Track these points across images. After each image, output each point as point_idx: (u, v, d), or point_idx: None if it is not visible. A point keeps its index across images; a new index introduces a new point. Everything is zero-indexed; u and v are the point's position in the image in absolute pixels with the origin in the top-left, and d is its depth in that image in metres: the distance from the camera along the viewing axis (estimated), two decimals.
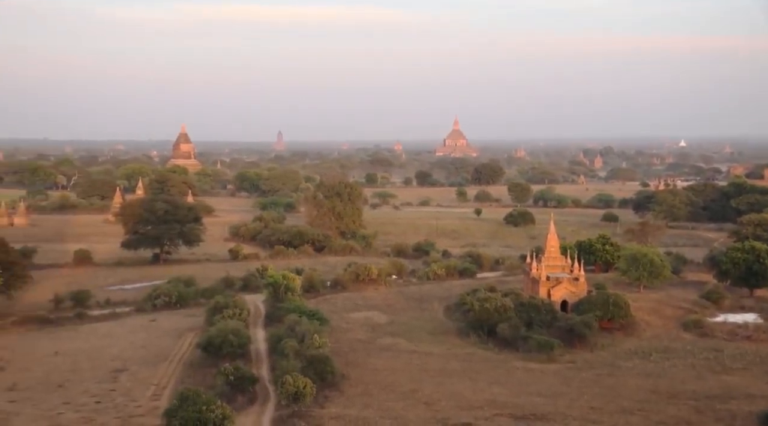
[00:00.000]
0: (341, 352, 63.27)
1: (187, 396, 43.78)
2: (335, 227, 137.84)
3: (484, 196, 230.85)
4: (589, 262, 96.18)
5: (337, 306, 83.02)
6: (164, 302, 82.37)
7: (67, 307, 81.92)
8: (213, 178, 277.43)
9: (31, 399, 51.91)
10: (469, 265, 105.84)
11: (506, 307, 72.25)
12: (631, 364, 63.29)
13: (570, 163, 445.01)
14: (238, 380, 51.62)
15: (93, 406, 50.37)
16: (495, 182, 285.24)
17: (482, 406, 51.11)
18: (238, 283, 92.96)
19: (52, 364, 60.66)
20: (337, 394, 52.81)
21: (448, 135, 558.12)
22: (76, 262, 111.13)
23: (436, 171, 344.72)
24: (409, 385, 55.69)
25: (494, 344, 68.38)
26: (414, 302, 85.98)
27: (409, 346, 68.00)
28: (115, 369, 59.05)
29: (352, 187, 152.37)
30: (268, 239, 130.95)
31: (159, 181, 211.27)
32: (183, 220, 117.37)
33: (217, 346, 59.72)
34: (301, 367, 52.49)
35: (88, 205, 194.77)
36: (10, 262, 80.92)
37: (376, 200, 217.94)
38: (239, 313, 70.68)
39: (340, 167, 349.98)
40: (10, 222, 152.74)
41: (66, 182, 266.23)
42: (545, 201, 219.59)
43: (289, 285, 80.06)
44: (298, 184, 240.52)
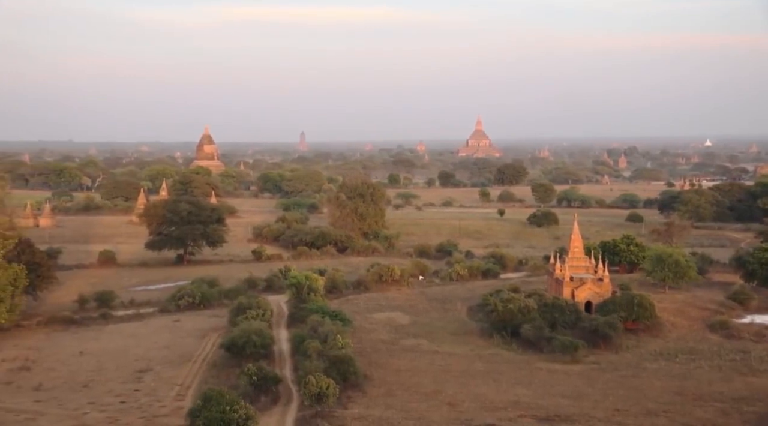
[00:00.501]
0: (364, 352, 63.20)
1: (210, 396, 43.89)
2: (358, 228, 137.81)
3: (508, 196, 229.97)
4: (613, 262, 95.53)
5: (359, 306, 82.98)
6: (188, 303, 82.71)
7: (91, 307, 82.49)
8: (236, 179, 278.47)
9: (57, 399, 52.29)
10: (492, 266, 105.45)
11: (530, 307, 71.87)
12: (657, 366, 62.69)
13: (594, 163, 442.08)
14: (261, 380, 51.70)
15: (118, 406, 50.65)
16: (518, 182, 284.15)
17: (506, 407, 50.86)
18: (261, 284, 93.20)
19: (77, 364, 61.08)
20: (360, 395, 52.74)
21: (471, 135, 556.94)
22: (100, 263, 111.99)
23: (459, 171, 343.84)
24: (432, 385, 55.53)
25: (518, 345, 68.02)
26: (437, 303, 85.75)
27: (432, 346, 67.81)
28: (140, 369, 59.34)
29: (374, 187, 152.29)
30: (291, 240, 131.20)
31: (182, 182, 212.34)
32: (206, 221, 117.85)
33: (241, 347, 59.84)
34: (324, 368, 52.46)
35: (113, 207, 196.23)
36: (36, 263, 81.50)
37: (399, 201, 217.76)
38: (262, 314, 70.87)
39: (363, 168, 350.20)
40: (36, 223, 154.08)
41: (91, 184, 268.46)
42: (569, 201, 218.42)
43: (312, 286, 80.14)
44: (320, 185, 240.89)
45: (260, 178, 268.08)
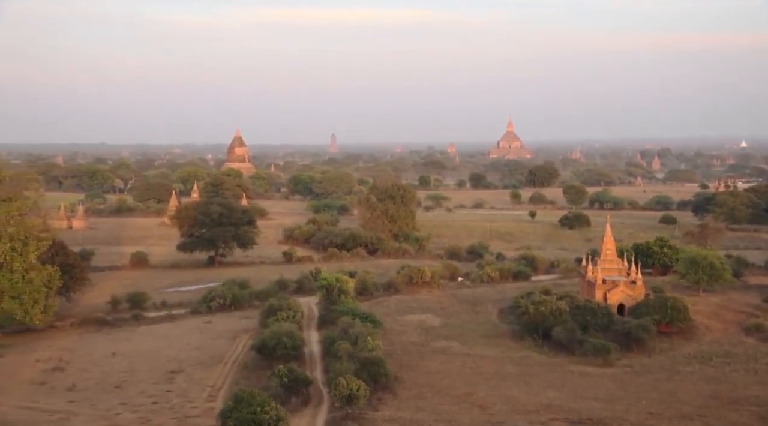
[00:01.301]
0: (394, 354, 63.07)
1: (241, 397, 43.98)
2: (388, 230, 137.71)
3: (539, 198, 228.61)
4: (646, 265, 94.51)
5: (390, 308, 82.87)
6: (219, 304, 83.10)
7: (124, 308, 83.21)
8: (267, 181, 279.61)
9: (90, 399, 52.71)
10: (523, 268, 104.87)
11: (561, 310, 71.33)
12: (691, 369, 61.90)
13: (627, 164, 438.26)
14: (292, 382, 51.75)
15: (150, 406, 50.94)
16: (550, 184, 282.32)
17: (537, 410, 50.46)
18: (292, 286, 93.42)
19: (109, 365, 61.57)
20: (391, 397, 52.60)
21: (502, 137, 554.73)
22: (132, 265, 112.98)
23: (490, 173, 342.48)
24: (463, 388, 55.26)
25: (549, 348, 67.51)
26: (468, 305, 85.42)
27: (463, 349, 67.51)
28: (171, 370, 59.66)
29: (405, 189, 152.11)
30: (321, 242, 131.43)
31: (214, 184, 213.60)
32: (237, 222, 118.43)
33: (272, 348, 59.96)
34: (354, 370, 52.39)
35: (145, 209, 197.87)
36: (70, 265, 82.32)
37: (429, 203, 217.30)
38: (293, 316, 71.03)
39: (393, 170, 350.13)
40: (70, 225, 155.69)
41: (123, 186, 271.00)
42: (601, 203, 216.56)
43: (343, 287, 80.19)
44: (351, 187, 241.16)
45: (291, 180, 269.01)
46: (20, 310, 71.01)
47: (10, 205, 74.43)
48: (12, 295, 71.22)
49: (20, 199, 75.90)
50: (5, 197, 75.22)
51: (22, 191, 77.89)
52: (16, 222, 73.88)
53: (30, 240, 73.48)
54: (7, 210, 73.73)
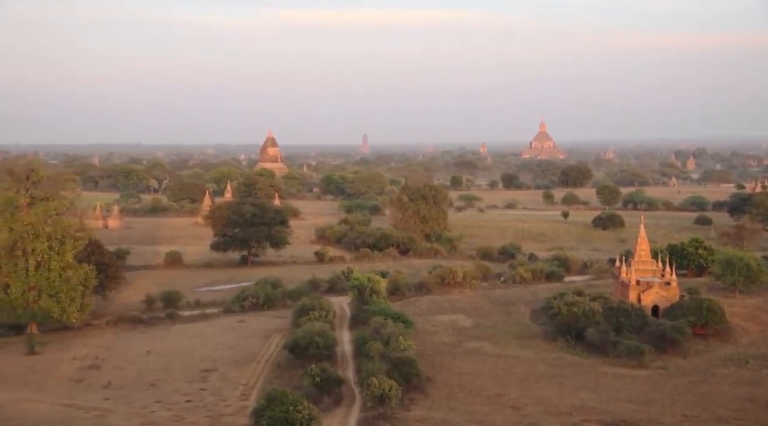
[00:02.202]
0: (426, 354, 63.05)
1: (274, 396, 44.22)
2: (420, 230, 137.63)
3: (572, 198, 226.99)
4: (681, 266, 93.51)
5: (422, 309, 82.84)
6: (252, 304, 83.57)
7: (158, 307, 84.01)
8: (299, 181, 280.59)
9: (125, 397, 53.31)
10: (556, 269, 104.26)
11: (594, 311, 70.85)
12: (727, 372, 61.20)
13: (661, 165, 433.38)
14: (324, 381, 51.94)
15: (184, 404, 51.41)
16: (583, 185, 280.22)
17: (570, 412, 50.19)
18: (324, 285, 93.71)
19: (144, 363, 62.22)
20: (423, 397, 52.61)
21: (534, 137, 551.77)
22: (167, 264, 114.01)
23: (523, 173, 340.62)
24: (495, 389, 55.12)
25: (582, 349, 67.09)
26: (500, 306, 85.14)
27: (495, 349, 67.31)
28: (205, 369, 60.14)
29: (437, 189, 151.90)
30: (353, 242, 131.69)
31: (247, 184, 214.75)
32: (270, 222, 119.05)
33: (304, 348, 60.22)
34: (386, 370, 52.46)
35: (179, 208, 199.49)
36: (105, 264, 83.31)
37: (461, 203, 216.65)
38: (325, 315, 71.22)
39: (425, 170, 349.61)
40: (105, 224, 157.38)
41: (157, 186, 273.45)
42: (635, 204, 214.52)
43: (375, 287, 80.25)
44: (383, 187, 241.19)
45: (323, 180, 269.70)
46: (57, 308, 72.23)
47: (48, 204, 75.63)
48: (50, 294, 72.49)
49: (57, 199, 77.01)
50: (43, 197, 76.44)
51: (60, 191, 78.85)
52: (53, 221, 75.06)
53: (67, 239, 74.67)
54: (44, 209, 74.93)
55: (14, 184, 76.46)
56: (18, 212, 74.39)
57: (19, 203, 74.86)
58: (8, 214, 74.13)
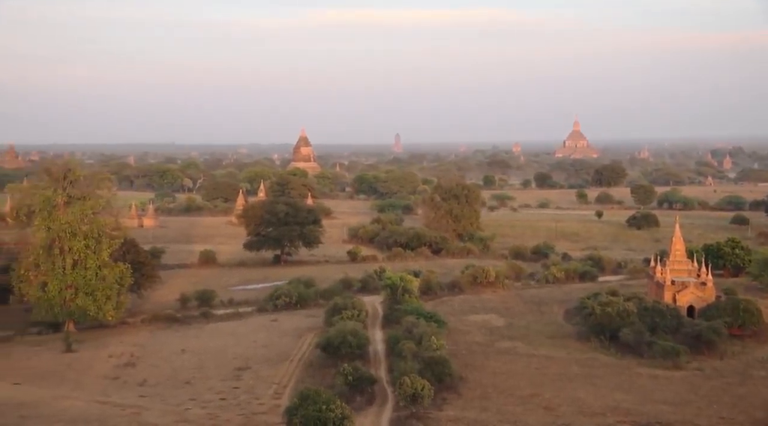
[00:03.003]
0: (459, 354, 62.92)
1: (307, 395, 44.39)
2: (452, 229, 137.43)
3: (606, 198, 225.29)
4: (717, 266, 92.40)
5: (454, 308, 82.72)
6: (285, 303, 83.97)
7: (193, 306, 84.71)
8: (332, 180, 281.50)
9: (160, 394, 53.85)
10: (589, 269, 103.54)
11: (629, 311, 70.18)
12: (764, 373, 60.26)
13: (697, 164, 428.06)
14: (356, 380, 52.04)
15: (218, 402, 51.80)
16: (617, 184, 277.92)
17: (604, 413, 49.81)
18: (357, 285, 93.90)
19: (179, 362, 62.79)
20: (455, 397, 52.52)
21: (568, 136, 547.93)
22: (201, 263, 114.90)
23: (556, 173, 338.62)
24: (528, 389, 54.86)
25: (616, 349, 66.48)
26: (533, 305, 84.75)
27: (528, 349, 66.98)
28: (239, 367, 60.54)
29: (469, 189, 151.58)
30: (385, 241, 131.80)
31: (280, 183, 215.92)
32: (303, 222, 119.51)
33: (336, 347, 60.38)
34: (418, 369, 52.45)
35: (213, 207, 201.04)
36: (141, 262, 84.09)
37: (494, 202, 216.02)
38: (357, 314, 71.33)
39: (458, 169, 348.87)
40: (140, 223, 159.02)
41: (192, 185, 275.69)
42: (670, 203, 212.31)
43: (407, 287, 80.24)
44: (415, 187, 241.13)
45: (355, 180, 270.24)
46: (94, 307, 73.14)
47: (85, 203, 76.56)
48: (86, 292, 73.42)
49: (94, 198, 77.90)
50: (80, 196, 77.40)
51: (96, 190, 79.80)
52: (90, 220, 75.96)
53: (103, 238, 75.55)
54: (81, 209, 75.87)
55: (52, 183, 77.55)
56: (55, 211, 75.40)
57: (57, 202, 75.87)
58: (46, 213, 75.18)
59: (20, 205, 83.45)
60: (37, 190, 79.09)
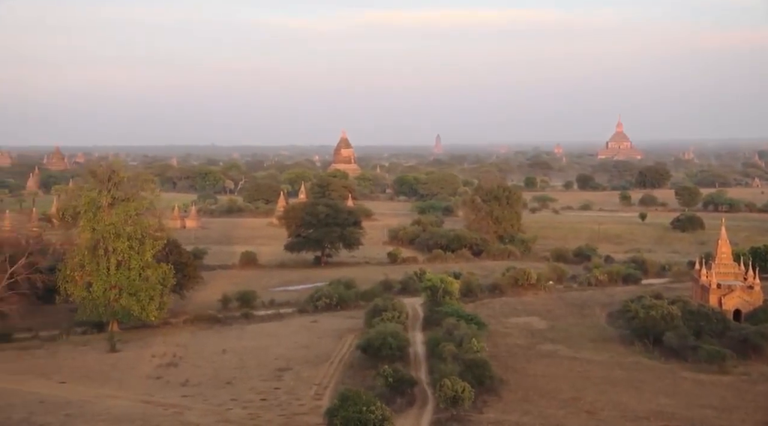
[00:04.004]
0: (500, 357, 62.56)
1: (347, 396, 44.42)
2: (493, 231, 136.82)
3: (649, 200, 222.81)
4: (764, 269, 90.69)
5: (495, 310, 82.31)
6: (325, 304, 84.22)
7: (234, 306, 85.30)
8: (372, 182, 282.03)
9: (202, 394, 54.27)
10: (633, 271, 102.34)
11: (673, 315, 69.19)
12: None
13: (743, 165, 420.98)
14: (397, 382, 51.95)
15: (259, 403, 52.04)
16: (661, 186, 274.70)
17: (648, 417, 49.11)
18: (397, 286, 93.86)
19: (220, 362, 63.25)
20: (496, 400, 52.19)
21: (611, 137, 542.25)
22: (242, 264, 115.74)
23: (598, 174, 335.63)
24: (570, 392, 54.32)
25: (660, 353, 65.56)
26: (575, 308, 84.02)
27: (570, 352, 66.38)
28: (279, 368, 60.80)
29: (510, 190, 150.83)
30: (426, 243, 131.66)
31: (320, 185, 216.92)
32: (343, 223, 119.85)
33: (377, 348, 60.36)
34: (459, 371, 52.21)
35: (254, 209, 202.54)
36: (183, 263, 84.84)
37: (536, 204, 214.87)
38: (398, 316, 71.27)
39: (499, 171, 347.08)
40: (183, 225, 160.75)
41: (233, 187, 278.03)
42: (715, 205, 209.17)
43: (447, 288, 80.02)
44: (456, 188, 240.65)
45: (396, 181, 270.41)
46: (137, 307, 74.00)
47: (128, 205, 77.53)
48: (130, 292, 74.31)
49: (137, 200, 78.84)
50: (124, 197, 78.41)
51: (139, 192, 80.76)
52: (133, 221, 76.86)
53: (146, 239, 76.41)
54: (125, 210, 76.84)
55: (97, 185, 78.67)
56: (100, 212, 76.48)
57: (102, 204, 76.94)
58: (91, 214, 76.28)
59: (66, 206, 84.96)
60: (82, 192, 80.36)
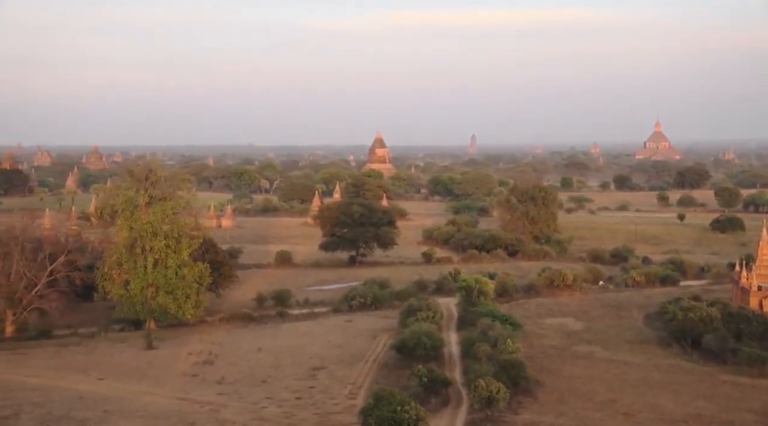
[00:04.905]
0: (535, 358, 62.14)
1: (382, 396, 44.38)
2: (529, 231, 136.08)
3: (688, 200, 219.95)
4: None
5: (530, 311, 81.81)
6: (360, 303, 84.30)
7: (269, 305, 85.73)
8: (407, 182, 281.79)
9: (238, 392, 54.58)
10: (671, 272, 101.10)
11: (712, 317, 68.18)
12: None
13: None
14: (431, 382, 51.82)
15: (293, 401, 52.19)
16: (700, 186, 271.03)
17: (686, 420, 48.45)
18: (431, 286, 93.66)
19: (256, 360, 63.56)
20: (531, 401, 51.83)
21: (648, 137, 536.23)
22: (277, 263, 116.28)
23: (636, 174, 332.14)
24: (606, 394, 53.79)
25: (699, 356, 64.65)
26: (611, 310, 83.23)
27: (606, 354, 65.74)
28: (314, 367, 60.94)
29: (546, 191, 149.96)
30: (460, 243, 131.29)
31: (355, 185, 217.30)
32: (378, 223, 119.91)
33: (411, 348, 60.28)
34: (494, 372, 51.94)
35: (289, 208, 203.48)
36: (219, 262, 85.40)
37: (572, 204, 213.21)
38: (432, 316, 71.17)
39: (534, 171, 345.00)
40: (219, 224, 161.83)
41: (269, 186, 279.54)
42: (756, 206, 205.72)
43: (482, 289, 79.74)
44: (491, 188, 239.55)
45: (431, 181, 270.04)
46: (174, 305, 74.66)
47: (165, 204, 78.25)
48: (167, 290, 75.01)
49: (174, 199, 79.53)
50: (161, 197, 79.15)
51: (176, 191, 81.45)
52: (170, 220, 77.56)
53: (183, 238, 77.06)
54: (162, 209, 77.56)
55: (134, 184, 79.51)
56: (137, 211, 77.28)
57: (139, 203, 77.74)
58: (128, 213, 77.12)
59: (104, 205, 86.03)
60: (120, 191, 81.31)
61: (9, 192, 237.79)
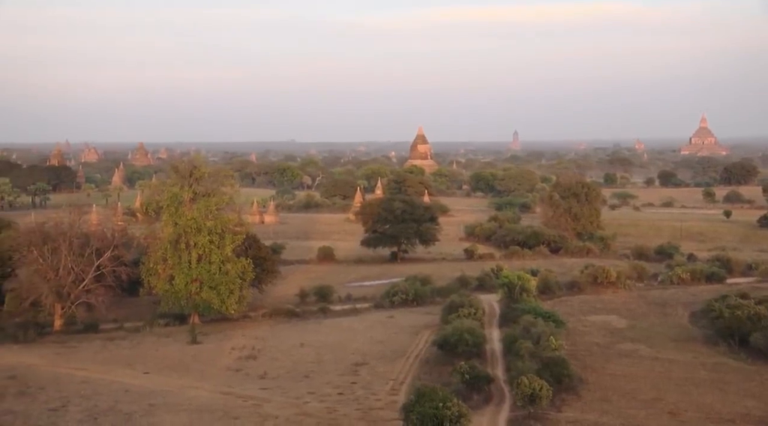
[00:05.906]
0: (578, 355, 61.59)
1: (423, 392, 44.31)
2: (572, 228, 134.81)
3: (735, 197, 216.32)
4: None
5: (573, 308, 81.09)
6: (401, 299, 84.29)
7: (311, 301, 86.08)
8: (449, 178, 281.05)
9: (280, 387, 54.90)
10: (717, 270, 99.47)
11: (760, 315, 66.98)
12: None
13: None
14: (473, 379, 51.64)
15: (336, 397, 52.37)
16: (747, 182, 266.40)
17: (734, 420, 47.69)
18: (473, 283, 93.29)
19: (298, 355, 63.87)
20: (574, 399, 51.40)
21: (694, 133, 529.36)
22: (319, 259, 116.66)
23: (681, 171, 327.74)
24: (651, 393, 53.16)
25: (747, 354, 63.52)
26: (656, 307, 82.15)
27: (651, 352, 64.90)
28: (356, 362, 61.07)
29: (589, 187, 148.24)
30: (502, 239, 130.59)
31: (397, 181, 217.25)
32: (420, 219, 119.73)
33: (453, 345, 60.15)
34: (536, 369, 51.58)
35: (331, 205, 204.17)
36: (262, 258, 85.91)
37: (616, 201, 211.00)
38: (474, 313, 70.91)
39: (577, 167, 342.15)
40: (262, 220, 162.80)
41: (311, 182, 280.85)
42: None
43: (524, 285, 79.24)
44: (533, 185, 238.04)
45: (472, 178, 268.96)
46: (217, 300, 75.37)
47: (209, 200, 78.99)
48: (210, 286, 75.73)
49: (218, 195, 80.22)
50: (205, 193, 79.91)
51: (220, 187, 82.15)
52: (214, 216, 78.29)
53: (226, 234, 77.74)
54: (206, 205, 78.32)
55: (179, 180, 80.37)
56: (182, 207, 78.11)
57: (183, 199, 78.58)
58: (173, 209, 77.99)
59: (149, 200, 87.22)
60: (165, 187, 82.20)
61: (57, 188, 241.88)
